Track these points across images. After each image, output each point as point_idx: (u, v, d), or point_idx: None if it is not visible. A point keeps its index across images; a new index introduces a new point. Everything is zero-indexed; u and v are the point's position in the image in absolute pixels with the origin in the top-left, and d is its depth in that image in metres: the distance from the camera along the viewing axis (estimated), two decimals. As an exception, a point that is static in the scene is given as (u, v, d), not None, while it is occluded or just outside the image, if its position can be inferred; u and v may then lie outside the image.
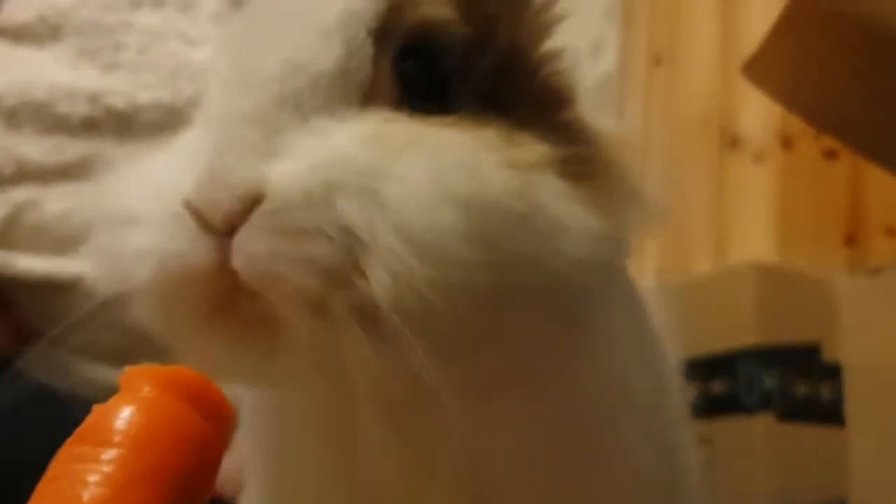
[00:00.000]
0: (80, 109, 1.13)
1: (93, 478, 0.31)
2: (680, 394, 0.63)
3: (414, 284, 0.38)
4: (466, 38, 0.47)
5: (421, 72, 0.46)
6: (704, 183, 2.22)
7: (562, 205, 0.43)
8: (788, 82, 1.01)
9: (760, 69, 1.02)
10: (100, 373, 1.09)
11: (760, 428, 1.64)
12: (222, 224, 0.39)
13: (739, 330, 1.68)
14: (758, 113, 2.14)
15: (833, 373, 1.73)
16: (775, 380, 1.67)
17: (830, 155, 1.97)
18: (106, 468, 0.32)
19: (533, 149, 0.44)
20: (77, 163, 1.12)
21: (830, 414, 1.70)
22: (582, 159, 0.46)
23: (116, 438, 0.33)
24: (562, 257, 0.42)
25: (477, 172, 0.41)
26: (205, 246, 0.40)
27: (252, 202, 0.39)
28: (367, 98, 0.44)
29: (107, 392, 0.37)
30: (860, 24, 0.90)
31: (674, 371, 0.62)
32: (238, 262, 0.39)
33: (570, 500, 0.51)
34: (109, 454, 0.32)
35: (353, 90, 0.43)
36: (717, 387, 1.67)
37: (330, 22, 0.44)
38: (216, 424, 0.35)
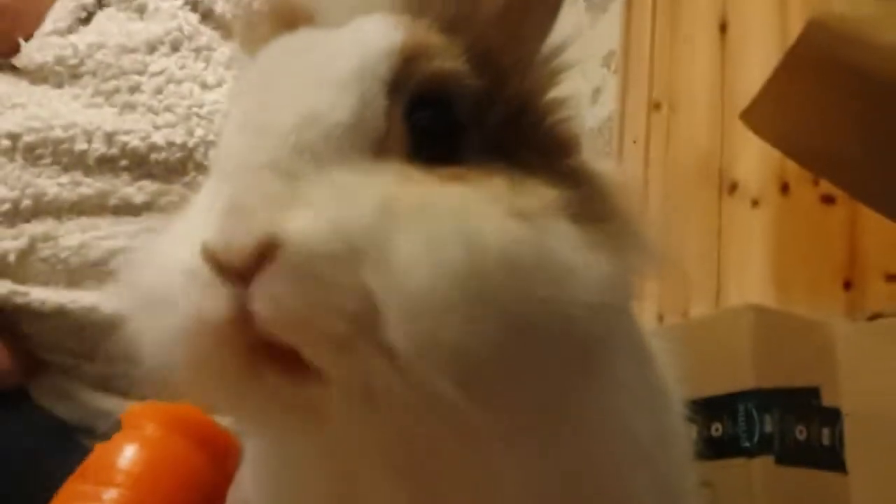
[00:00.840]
0: (97, 147, 1.16)
1: None
2: (684, 438, 0.63)
3: (424, 340, 0.39)
4: (478, 89, 0.48)
5: (433, 121, 0.47)
6: (703, 227, 2.24)
7: (571, 249, 0.44)
8: (786, 129, 1.04)
9: (759, 116, 1.05)
10: (110, 403, 1.10)
11: (760, 471, 1.65)
12: (240, 265, 0.39)
13: (738, 372, 1.69)
14: (756, 158, 2.16)
15: (833, 417, 1.73)
16: (775, 423, 1.68)
17: (828, 200, 1.98)
18: None
19: (541, 194, 0.45)
20: (93, 198, 1.15)
21: (830, 458, 1.70)
22: (588, 204, 0.47)
23: (119, 478, 0.33)
24: (572, 301, 0.42)
25: (479, 232, 0.41)
26: (219, 298, 0.40)
27: (270, 248, 0.39)
28: (381, 147, 0.44)
29: (115, 422, 0.38)
30: (857, 73, 0.92)
31: (678, 415, 0.63)
32: (260, 306, 0.39)
33: None
34: (111, 494, 0.33)
35: (367, 140, 0.44)
36: (717, 429, 1.67)
37: (345, 74, 0.45)
38: (220, 463, 0.36)
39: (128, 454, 0.33)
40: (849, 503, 1.68)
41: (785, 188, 2.10)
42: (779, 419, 1.68)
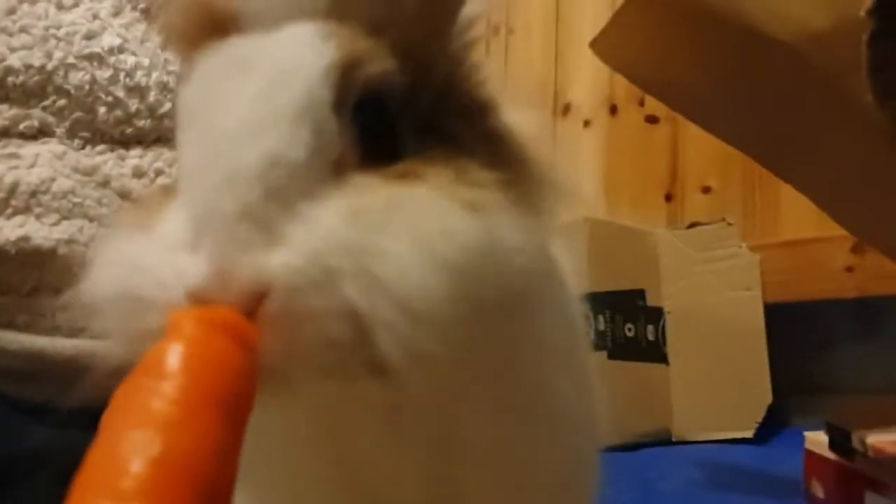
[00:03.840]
0: None
1: (160, 404, 0.35)
2: (586, 339, 0.69)
3: (414, 343, 0.42)
4: (406, 83, 0.50)
5: (372, 125, 0.48)
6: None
7: (512, 230, 0.47)
8: (632, 58, 1.13)
9: (607, 45, 1.13)
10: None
11: (595, 365, 1.82)
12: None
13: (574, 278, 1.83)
14: (587, 82, 2.31)
15: (656, 315, 1.93)
16: (606, 322, 1.86)
17: (652, 120, 2.15)
18: (171, 395, 0.36)
19: (484, 179, 0.48)
20: None
21: (654, 352, 1.91)
22: (514, 175, 0.50)
23: (173, 371, 0.37)
24: (516, 273, 0.47)
25: (450, 229, 0.44)
26: None
27: (259, 294, 0.41)
28: (337, 166, 0.46)
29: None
30: (698, 9, 1.03)
31: (581, 323, 0.68)
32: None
33: (524, 451, 0.57)
34: (170, 384, 0.36)
35: (325, 166, 0.46)
36: (558, 330, 1.82)
37: (297, 107, 0.46)
38: (252, 355, 0.40)
39: (176, 351, 0.36)
40: (670, 389, 1.89)
41: (613, 110, 2.25)
42: (610, 319, 1.87)
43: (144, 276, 0.46)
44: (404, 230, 0.44)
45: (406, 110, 0.50)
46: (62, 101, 1.15)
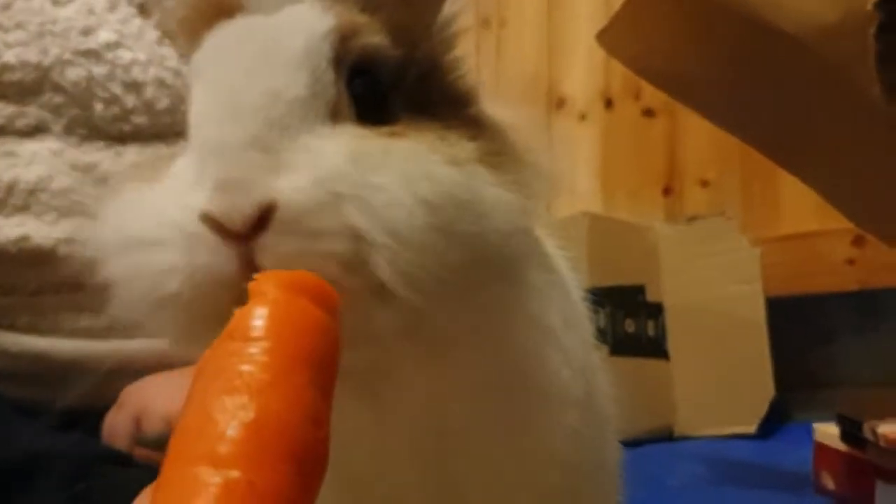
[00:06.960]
0: None
1: (250, 367, 0.36)
2: (586, 321, 0.71)
3: (405, 268, 0.46)
4: (397, 58, 0.55)
5: (366, 89, 0.54)
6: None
7: (489, 189, 0.52)
8: (639, 51, 1.12)
9: (614, 37, 1.13)
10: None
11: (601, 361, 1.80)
12: (243, 229, 0.45)
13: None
14: (582, 75, 2.29)
15: (656, 311, 1.92)
16: (607, 318, 1.85)
17: (649, 113, 2.14)
18: (260, 358, 0.36)
19: (464, 146, 0.53)
20: None
21: (655, 348, 1.90)
22: (492, 147, 0.55)
23: (260, 334, 0.37)
24: (495, 232, 0.51)
25: (433, 175, 0.49)
26: (226, 255, 0.46)
27: (268, 209, 0.45)
28: (334, 114, 0.52)
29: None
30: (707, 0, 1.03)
31: (579, 304, 0.71)
32: (265, 259, 0.45)
33: (512, 426, 0.58)
34: (259, 346, 0.37)
35: (323, 109, 0.51)
36: (559, 326, 1.81)
37: (296, 55, 0.52)
38: (333, 316, 0.41)
39: (260, 314, 0.37)
40: (671, 385, 1.89)
41: (609, 103, 2.24)
42: (610, 315, 1.86)
43: (152, 219, 0.50)
44: (394, 170, 0.49)
45: (396, 84, 0.56)
46: (59, 98, 1.13)
